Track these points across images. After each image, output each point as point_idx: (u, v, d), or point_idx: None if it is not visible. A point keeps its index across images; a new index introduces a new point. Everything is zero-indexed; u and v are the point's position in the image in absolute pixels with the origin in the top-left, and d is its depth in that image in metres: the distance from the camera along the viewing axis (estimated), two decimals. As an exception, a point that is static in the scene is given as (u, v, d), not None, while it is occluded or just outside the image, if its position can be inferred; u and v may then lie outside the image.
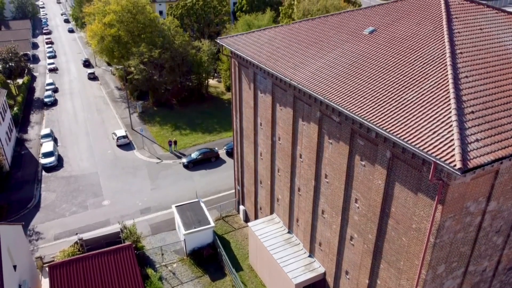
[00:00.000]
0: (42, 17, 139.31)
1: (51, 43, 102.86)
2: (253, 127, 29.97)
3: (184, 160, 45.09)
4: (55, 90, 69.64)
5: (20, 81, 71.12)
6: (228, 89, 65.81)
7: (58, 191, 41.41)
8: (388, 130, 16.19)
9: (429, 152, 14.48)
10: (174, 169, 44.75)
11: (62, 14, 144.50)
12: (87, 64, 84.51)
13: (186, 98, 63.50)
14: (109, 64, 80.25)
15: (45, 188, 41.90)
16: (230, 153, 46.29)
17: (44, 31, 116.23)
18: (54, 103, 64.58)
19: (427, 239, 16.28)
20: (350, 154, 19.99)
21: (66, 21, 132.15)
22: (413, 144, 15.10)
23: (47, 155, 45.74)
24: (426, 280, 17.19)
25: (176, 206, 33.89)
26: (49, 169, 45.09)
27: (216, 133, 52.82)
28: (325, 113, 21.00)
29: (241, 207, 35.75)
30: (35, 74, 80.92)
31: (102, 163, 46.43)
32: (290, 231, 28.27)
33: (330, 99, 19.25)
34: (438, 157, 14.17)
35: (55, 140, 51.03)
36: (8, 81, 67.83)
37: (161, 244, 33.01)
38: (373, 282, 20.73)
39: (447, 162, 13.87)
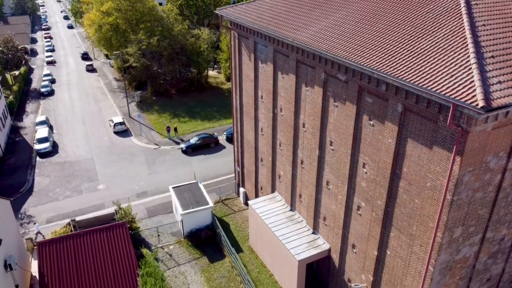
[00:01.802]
0: (41, 14, 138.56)
1: (50, 38, 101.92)
2: (253, 102, 28.66)
3: (183, 145, 43.73)
4: (52, 81, 68.51)
5: (16, 72, 69.94)
6: (228, 79, 64.57)
7: (52, 176, 40.06)
8: (400, 78, 14.86)
9: (447, 95, 13.15)
10: (172, 155, 43.40)
11: (61, 12, 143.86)
12: (85, 57, 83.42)
13: (185, 88, 62.24)
14: (107, 57, 79.19)
15: (39, 173, 40.56)
16: (230, 139, 44.95)
17: (43, 27, 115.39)
18: (51, 93, 63.37)
19: (444, 196, 14.90)
20: (357, 114, 18.65)
21: (66, 17, 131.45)
22: (429, 88, 13.76)
23: (41, 140, 44.43)
24: (441, 244, 15.79)
25: (173, 187, 32.51)
26: (44, 155, 43.78)
27: (215, 121, 51.51)
28: (330, 73, 19.68)
29: (241, 189, 34.37)
30: (32, 66, 79.87)
31: (98, 149, 45.09)
32: (292, 208, 26.87)
33: (337, 54, 17.94)
34: (457, 98, 12.84)
35: (50, 128, 49.73)
36: (5, 71, 66.69)
37: (157, 226, 31.59)
38: (382, 253, 19.32)
39: (468, 102, 12.53)
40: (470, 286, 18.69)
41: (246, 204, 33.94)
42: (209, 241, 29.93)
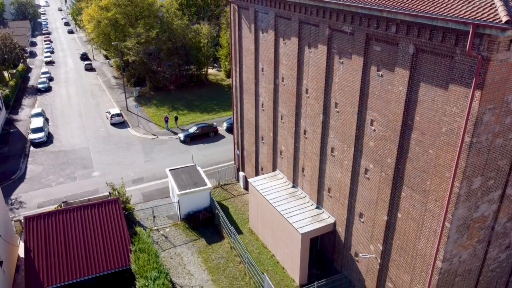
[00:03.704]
0: (42, 20, 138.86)
1: (50, 41, 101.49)
2: (253, 77, 27.56)
3: (181, 134, 42.49)
4: (50, 79, 67.66)
5: (14, 70, 69.12)
6: (228, 75, 63.69)
7: (46, 164, 38.75)
8: (414, 10, 13.75)
9: (466, 17, 12.01)
10: (170, 144, 42.16)
11: (62, 19, 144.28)
12: (84, 57, 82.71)
13: (184, 84, 61.34)
14: (106, 58, 78.55)
15: (32, 162, 39.25)
16: (230, 129, 43.73)
17: (43, 32, 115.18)
18: (48, 89, 62.48)
19: (462, 139, 13.63)
20: (364, 67, 17.49)
21: (66, 24, 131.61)
22: (445, 14, 12.63)
23: (36, 130, 43.25)
24: (459, 196, 14.44)
25: (170, 170, 31.18)
26: (38, 144, 42.54)
27: (215, 113, 50.36)
28: (335, 27, 18.58)
29: (241, 174, 33.00)
30: (31, 66, 79.16)
31: (94, 139, 43.87)
32: (294, 185, 25.51)
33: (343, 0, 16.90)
34: (477, 19, 11.70)
35: (46, 120, 48.60)
36: (2, 67, 65.89)
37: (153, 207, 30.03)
38: (392, 217, 17.93)
39: (490, 20, 11.38)
40: (489, 251, 17.25)
41: (246, 188, 32.56)
42: (207, 223, 28.47)
